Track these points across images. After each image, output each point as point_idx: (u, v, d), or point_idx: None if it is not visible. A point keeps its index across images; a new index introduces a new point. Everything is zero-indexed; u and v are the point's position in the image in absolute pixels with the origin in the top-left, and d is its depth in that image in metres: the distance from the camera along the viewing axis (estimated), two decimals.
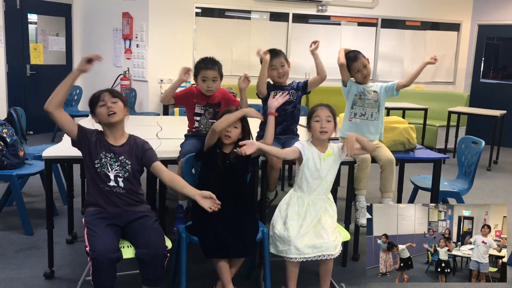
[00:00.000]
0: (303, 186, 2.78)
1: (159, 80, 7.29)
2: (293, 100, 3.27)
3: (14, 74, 7.42)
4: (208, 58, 3.16)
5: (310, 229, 2.69)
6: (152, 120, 4.65)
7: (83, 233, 2.46)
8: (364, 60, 3.30)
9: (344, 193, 3.40)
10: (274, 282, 2.82)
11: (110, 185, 2.57)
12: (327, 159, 2.77)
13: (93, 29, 7.92)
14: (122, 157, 2.59)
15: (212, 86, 3.12)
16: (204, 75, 3.10)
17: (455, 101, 7.93)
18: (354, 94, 3.35)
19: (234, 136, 2.78)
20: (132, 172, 2.61)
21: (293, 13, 7.88)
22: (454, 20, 8.69)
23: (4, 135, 3.79)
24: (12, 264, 3.19)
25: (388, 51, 8.39)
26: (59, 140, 3.40)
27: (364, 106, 3.35)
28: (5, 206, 4.20)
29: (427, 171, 4.00)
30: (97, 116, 2.61)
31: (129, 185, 2.61)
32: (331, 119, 2.75)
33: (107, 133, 2.62)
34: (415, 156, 3.54)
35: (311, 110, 2.80)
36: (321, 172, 2.75)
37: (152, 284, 2.50)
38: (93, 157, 2.57)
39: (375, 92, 3.36)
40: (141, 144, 2.67)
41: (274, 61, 3.21)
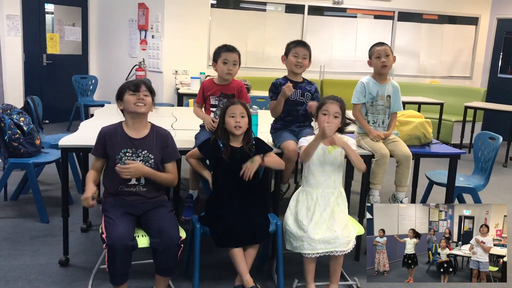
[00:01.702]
0: (310, 180, 2.77)
1: (174, 71, 7.30)
2: (305, 102, 3.25)
3: (31, 63, 7.49)
4: (228, 44, 3.22)
5: (322, 223, 2.68)
6: (167, 111, 4.67)
7: (97, 222, 2.49)
8: (389, 49, 3.29)
9: (357, 187, 3.38)
10: (286, 274, 2.82)
11: (131, 184, 2.58)
12: (333, 152, 2.76)
13: (109, 20, 7.95)
14: (144, 152, 2.59)
15: (232, 69, 3.14)
16: (226, 58, 3.13)
17: (472, 96, 7.83)
18: (366, 102, 3.33)
19: (244, 125, 2.77)
20: (155, 166, 2.61)
21: (309, 5, 7.82)
22: (472, 14, 8.56)
23: (21, 124, 3.83)
24: (28, 251, 3.24)
25: (404, 44, 8.30)
26: (75, 129, 3.43)
27: (375, 113, 3.34)
28: (21, 194, 4.26)
29: (442, 166, 3.97)
30: (123, 103, 2.60)
31: (150, 182, 2.62)
32: (339, 115, 2.73)
33: (129, 124, 2.62)
34: (431, 151, 3.50)
35: (322, 102, 2.79)
36: (326, 165, 2.74)
37: (165, 274, 2.52)
38: (114, 155, 2.56)
39: (388, 97, 3.33)
40: (165, 137, 2.67)
41: (299, 49, 3.19)
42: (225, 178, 2.78)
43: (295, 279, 2.89)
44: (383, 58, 3.27)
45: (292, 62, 3.20)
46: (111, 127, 2.63)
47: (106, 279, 2.45)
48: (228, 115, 2.76)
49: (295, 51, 3.19)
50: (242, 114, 2.76)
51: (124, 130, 2.61)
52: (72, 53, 8.04)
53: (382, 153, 3.18)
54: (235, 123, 2.74)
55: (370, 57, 3.34)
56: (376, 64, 3.30)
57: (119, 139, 2.58)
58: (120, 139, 2.58)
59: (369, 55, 3.36)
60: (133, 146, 2.58)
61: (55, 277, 2.90)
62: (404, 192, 3.32)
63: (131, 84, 2.59)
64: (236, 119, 2.74)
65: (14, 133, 3.75)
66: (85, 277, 2.88)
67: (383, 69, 3.29)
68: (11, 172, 3.83)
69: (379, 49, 3.28)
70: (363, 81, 3.35)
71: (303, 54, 3.19)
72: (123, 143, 2.57)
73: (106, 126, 2.65)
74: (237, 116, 2.74)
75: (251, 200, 2.77)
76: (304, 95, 3.23)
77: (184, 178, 4.62)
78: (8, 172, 3.81)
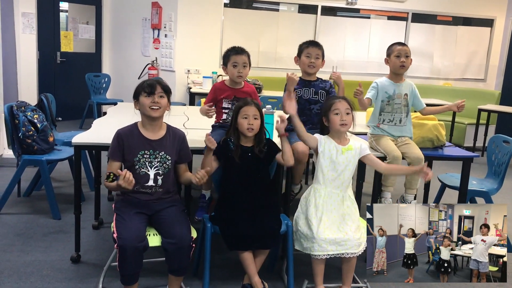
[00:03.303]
0: (319, 177, 2.75)
1: (186, 70, 7.33)
2: (320, 100, 3.24)
3: (45, 61, 7.56)
4: (236, 46, 3.22)
5: (330, 224, 2.67)
6: (179, 110, 4.67)
7: (109, 220, 2.50)
8: (408, 51, 3.27)
9: (368, 188, 3.37)
10: (296, 275, 2.82)
11: (147, 185, 2.57)
12: (346, 153, 2.74)
13: (122, 18, 8.00)
14: (162, 153, 2.59)
15: (242, 72, 3.14)
16: (235, 61, 3.13)
17: (486, 98, 7.75)
18: (381, 100, 3.31)
19: (257, 127, 2.76)
20: (172, 167, 2.62)
21: (322, 5, 7.80)
22: (487, 16, 8.47)
23: (35, 121, 3.87)
24: (40, 247, 3.27)
25: (418, 46, 8.23)
26: (87, 127, 3.45)
27: (392, 112, 3.31)
28: (34, 190, 4.30)
29: (454, 169, 3.94)
30: (139, 104, 2.60)
31: (167, 183, 2.62)
32: (350, 111, 2.72)
33: (145, 124, 2.61)
34: (444, 153, 3.47)
35: (329, 103, 2.74)
36: (338, 164, 2.72)
37: (178, 273, 2.53)
38: (131, 157, 2.55)
39: (405, 95, 3.31)
40: (181, 138, 2.68)
41: (311, 50, 3.19)
42: (236, 178, 2.77)
43: (305, 280, 2.88)
44: (403, 58, 3.25)
45: (305, 62, 3.19)
46: (127, 129, 2.62)
47: (117, 276, 2.46)
48: (241, 116, 2.74)
49: (308, 52, 3.19)
50: (255, 116, 2.74)
51: (140, 131, 2.60)
52: (85, 51, 8.09)
53: (394, 156, 3.16)
54: (248, 125, 2.73)
55: (389, 55, 3.30)
56: (395, 63, 3.27)
57: (136, 140, 2.57)
58: (138, 141, 2.57)
59: (387, 53, 3.32)
60: (151, 147, 2.57)
61: (66, 274, 2.92)
62: (413, 194, 3.30)
63: (146, 85, 2.56)
64: (249, 120, 2.73)
65: (28, 130, 3.79)
66: (96, 274, 2.90)
67: (401, 69, 3.27)
68: (25, 168, 3.86)
69: (400, 48, 3.25)
70: (378, 81, 3.33)
71: (316, 54, 3.19)
72: (141, 144, 2.57)
73: (121, 128, 2.63)
74: (250, 118, 2.73)
75: (262, 201, 2.75)
76: (318, 93, 3.23)
77: None
78: (22, 169, 3.84)
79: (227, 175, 2.82)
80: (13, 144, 3.91)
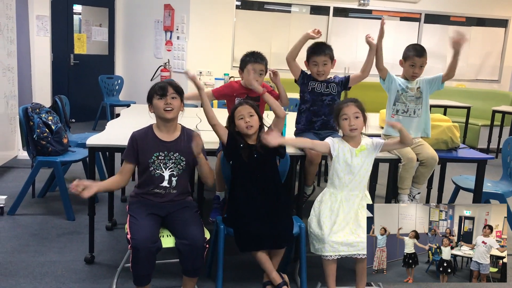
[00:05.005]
0: (335, 182, 2.74)
1: (198, 72, 7.35)
2: (332, 92, 3.24)
3: (59, 63, 7.64)
4: (256, 52, 3.22)
5: (344, 225, 2.66)
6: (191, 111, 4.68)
7: (122, 221, 2.52)
8: (425, 61, 3.24)
9: (381, 190, 3.35)
10: (310, 277, 2.81)
11: (162, 186, 2.59)
12: (359, 154, 2.72)
13: (135, 20, 8.05)
14: (176, 154, 2.60)
15: (258, 79, 3.14)
16: (253, 68, 3.12)
17: (500, 100, 7.67)
18: (397, 90, 3.29)
19: (255, 123, 2.75)
20: (187, 168, 2.63)
21: (334, 6, 7.79)
22: (501, 16, 8.39)
23: (49, 123, 3.91)
24: (54, 247, 3.29)
25: (431, 47, 8.14)
26: (100, 128, 3.48)
27: (406, 103, 3.28)
28: (48, 191, 4.34)
29: (469, 171, 3.90)
30: (152, 107, 2.62)
31: (181, 184, 2.63)
32: (359, 114, 2.68)
33: (160, 126, 2.63)
34: (458, 155, 3.44)
35: (337, 108, 2.73)
36: (353, 167, 2.70)
37: (192, 274, 2.53)
38: (146, 159, 2.57)
39: (418, 88, 3.29)
40: (195, 138, 2.66)
41: (317, 58, 3.17)
42: (245, 177, 2.77)
43: (319, 282, 2.87)
44: (417, 69, 3.23)
45: (313, 71, 3.21)
46: (142, 131, 2.64)
47: (131, 277, 2.47)
48: (237, 118, 2.75)
49: (314, 60, 3.18)
50: (250, 113, 2.74)
51: (155, 133, 2.62)
52: (98, 53, 8.16)
53: (409, 157, 3.14)
54: (245, 123, 2.72)
55: (405, 59, 3.27)
56: (408, 71, 3.27)
57: (151, 143, 2.59)
58: (152, 143, 2.59)
59: (403, 56, 3.28)
60: (165, 149, 2.59)
61: (81, 274, 2.94)
62: (418, 189, 3.30)
63: (158, 88, 2.59)
64: (245, 119, 2.72)
65: (42, 132, 3.83)
66: (110, 275, 2.91)
67: (412, 78, 3.27)
68: (39, 169, 3.90)
69: (417, 59, 3.21)
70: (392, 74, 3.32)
71: (323, 61, 3.18)
72: (155, 146, 2.59)
73: (136, 130, 2.66)
74: (245, 117, 2.72)
75: (274, 201, 2.74)
76: (328, 86, 3.23)
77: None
78: (36, 170, 3.88)
79: (237, 175, 2.82)
80: (27, 146, 3.95)
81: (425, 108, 3.32)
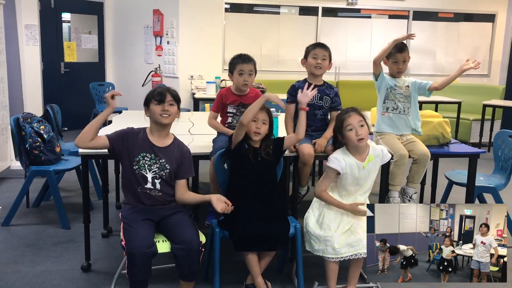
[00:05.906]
0: (341, 192, 2.72)
1: (190, 76, 7.35)
2: (324, 106, 3.21)
3: (49, 71, 7.61)
4: (243, 54, 3.22)
5: (346, 224, 2.67)
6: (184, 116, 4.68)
7: (118, 228, 2.52)
8: (407, 55, 3.27)
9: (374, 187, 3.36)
10: (306, 277, 2.82)
11: (147, 187, 2.60)
12: (367, 166, 2.69)
13: (124, 27, 8.04)
14: (162, 160, 2.61)
15: (248, 80, 3.15)
16: (241, 69, 3.14)
17: (490, 94, 7.73)
18: (386, 88, 3.31)
19: (264, 131, 2.77)
20: (169, 175, 2.63)
21: (323, 6, 7.82)
22: (489, 11, 8.45)
23: (42, 132, 3.90)
24: (50, 257, 3.29)
25: (420, 44, 8.22)
26: None
27: (395, 100, 3.31)
28: (42, 201, 4.33)
29: (461, 166, 3.93)
30: (149, 111, 2.63)
31: (166, 187, 2.64)
32: (363, 122, 2.65)
33: (153, 131, 2.64)
34: (450, 150, 3.47)
35: (340, 119, 2.69)
36: (360, 180, 2.69)
37: (188, 279, 2.54)
38: (132, 157, 2.58)
39: (407, 86, 3.31)
40: (184, 153, 2.68)
41: (318, 51, 3.17)
42: (245, 179, 2.78)
43: (315, 281, 2.88)
44: (400, 65, 3.26)
45: (312, 63, 3.18)
46: (137, 130, 2.66)
47: (128, 284, 2.48)
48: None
49: (314, 53, 3.18)
50: (264, 121, 2.75)
51: (148, 135, 2.64)
52: (89, 61, 8.14)
53: (401, 154, 3.16)
54: (255, 128, 2.74)
55: (387, 57, 3.29)
56: (392, 68, 3.31)
57: (140, 142, 2.61)
58: (141, 143, 2.61)
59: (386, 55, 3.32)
60: (153, 152, 2.60)
61: (77, 283, 2.93)
62: (415, 188, 3.32)
63: (156, 93, 2.60)
64: (257, 124, 2.74)
65: (35, 141, 3.82)
66: (107, 282, 2.91)
67: (398, 74, 3.32)
68: (33, 179, 3.89)
69: (399, 55, 3.25)
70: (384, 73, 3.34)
71: (322, 55, 3.18)
72: (144, 147, 2.60)
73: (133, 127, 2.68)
74: (258, 122, 2.74)
75: (270, 203, 2.77)
76: (322, 98, 3.20)
77: (202, 182, 4.64)
78: (30, 180, 3.87)
79: (236, 176, 2.83)
80: (20, 156, 3.94)
81: (414, 107, 3.36)
